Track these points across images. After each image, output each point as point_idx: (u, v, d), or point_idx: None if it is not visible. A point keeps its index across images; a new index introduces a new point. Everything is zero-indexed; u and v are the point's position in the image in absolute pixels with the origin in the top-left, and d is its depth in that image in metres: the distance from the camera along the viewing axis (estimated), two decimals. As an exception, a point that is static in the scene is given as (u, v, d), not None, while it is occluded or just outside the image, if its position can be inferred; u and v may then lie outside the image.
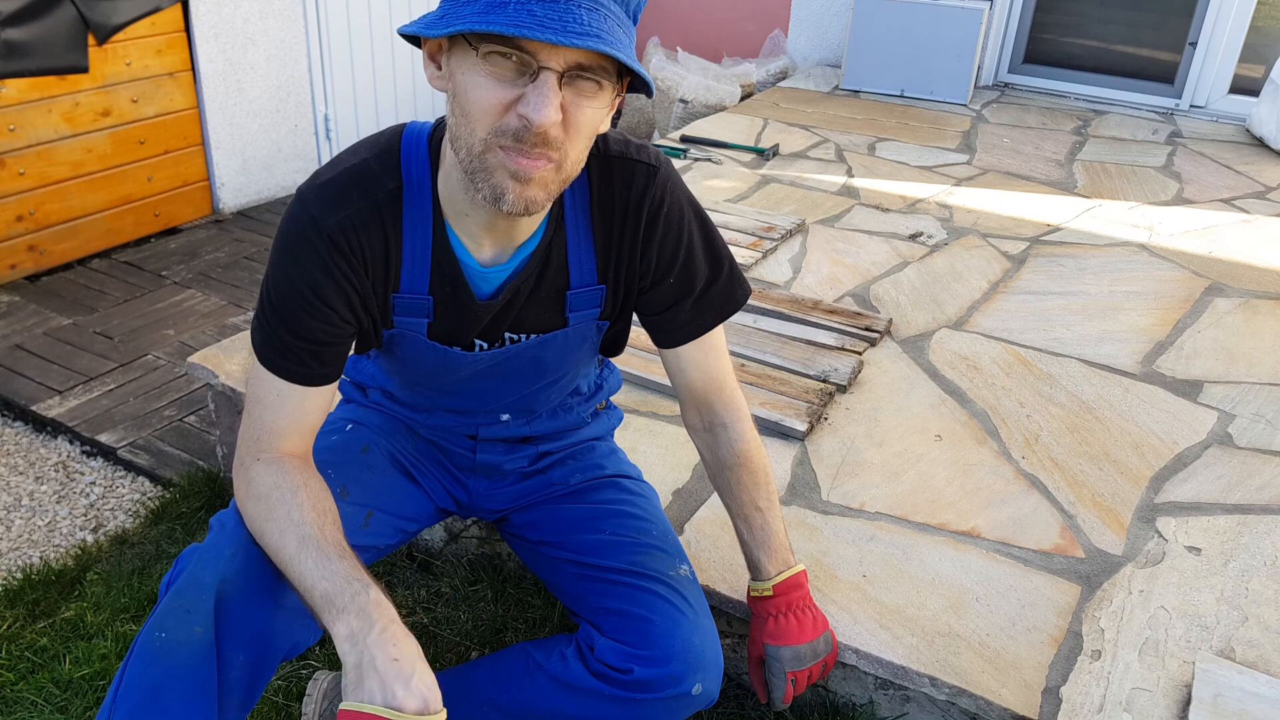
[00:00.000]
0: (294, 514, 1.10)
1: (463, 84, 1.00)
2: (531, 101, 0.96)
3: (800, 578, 1.36)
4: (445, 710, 1.00)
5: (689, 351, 1.32)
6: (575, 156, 1.04)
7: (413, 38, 1.04)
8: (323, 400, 1.19)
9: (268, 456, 1.15)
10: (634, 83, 1.05)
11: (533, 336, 1.26)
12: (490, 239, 1.17)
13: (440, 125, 1.15)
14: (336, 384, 1.21)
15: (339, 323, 1.15)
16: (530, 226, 1.17)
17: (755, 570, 1.38)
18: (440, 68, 1.05)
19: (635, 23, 1.02)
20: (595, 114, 1.02)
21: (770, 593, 1.35)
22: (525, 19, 0.92)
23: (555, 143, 1.00)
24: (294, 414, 1.17)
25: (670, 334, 1.31)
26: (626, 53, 0.96)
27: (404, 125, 1.17)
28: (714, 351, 1.34)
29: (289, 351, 1.14)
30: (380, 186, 1.13)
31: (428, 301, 1.19)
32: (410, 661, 1.00)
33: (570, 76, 0.97)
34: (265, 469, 1.14)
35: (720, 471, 1.38)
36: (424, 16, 1.03)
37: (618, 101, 1.06)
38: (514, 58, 0.96)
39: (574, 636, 1.33)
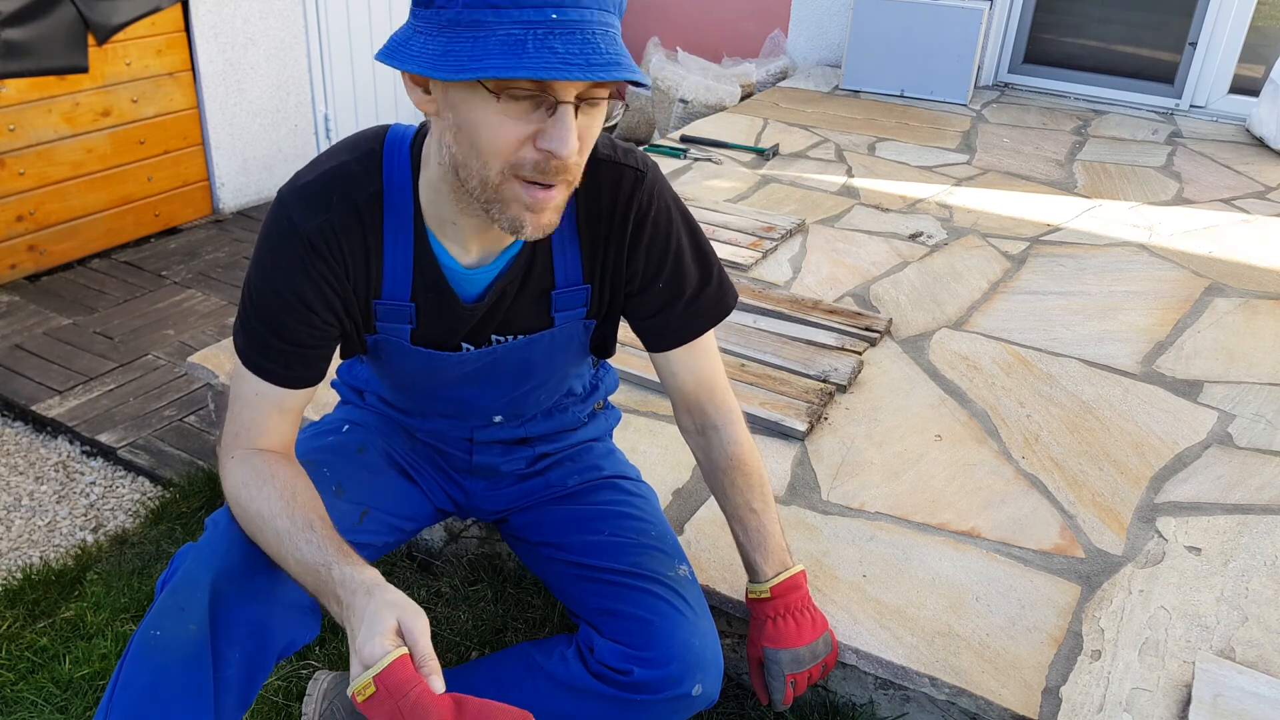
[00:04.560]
0: (263, 508, 1.11)
1: (471, 121, 0.97)
2: (553, 137, 0.96)
3: (799, 579, 1.36)
4: (402, 646, 0.99)
5: (680, 355, 1.32)
6: (582, 168, 1.05)
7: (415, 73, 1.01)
8: (303, 401, 1.20)
9: (241, 453, 1.16)
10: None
11: (519, 337, 1.25)
12: (479, 245, 1.16)
13: (423, 129, 1.14)
14: (317, 387, 1.20)
15: (321, 325, 1.15)
16: None
17: (752, 572, 1.37)
18: (429, 92, 1.02)
19: (620, 18, 1.03)
20: (599, 125, 1.03)
21: (768, 594, 1.35)
22: (550, 59, 0.90)
23: (575, 168, 1.01)
24: (273, 414, 1.17)
25: (660, 338, 1.31)
26: (639, 72, 0.96)
27: (386, 127, 1.16)
28: (705, 355, 1.33)
29: (271, 354, 1.15)
30: (361, 190, 1.12)
31: (409, 308, 1.19)
32: (367, 620, 0.99)
33: (582, 102, 0.97)
34: (238, 466, 1.15)
35: (714, 474, 1.38)
36: (409, 45, 0.96)
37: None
38: (530, 93, 0.95)
39: (574, 637, 1.33)
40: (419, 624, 1.00)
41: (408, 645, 0.99)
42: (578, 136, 0.98)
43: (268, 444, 1.17)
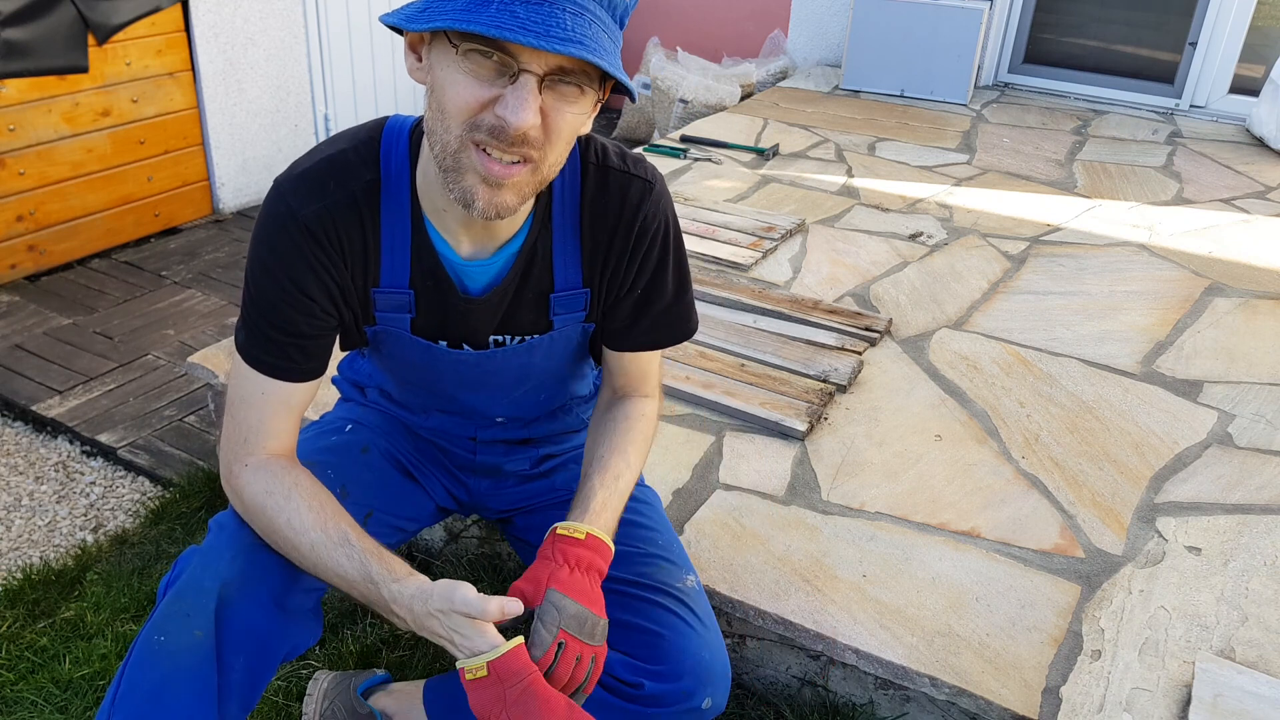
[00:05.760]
0: (294, 520, 1.11)
1: (441, 80, 0.99)
2: (510, 103, 0.95)
3: (609, 555, 1.18)
4: (505, 639, 1.04)
5: (628, 354, 1.31)
6: (554, 159, 1.03)
7: (396, 27, 1.04)
8: (307, 396, 1.19)
9: (255, 460, 1.15)
10: (619, 84, 1.04)
11: (518, 341, 1.25)
12: (467, 235, 1.16)
13: (423, 119, 1.14)
14: (319, 381, 1.20)
15: (321, 315, 1.15)
16: (511, 226, 1.16)
17: (578, 509, 1.19)
18: (421, 59, 1.04)
19: (622, 27, 1.01)
20: (576, 118, 1.01)
21: (582, 536, 1.15)
22: (508, 20, 0.91)
23: (535, 143, 0.99)
24: (279, 411, 1.16)
25: (617, 340, 1.29)
26: (610, 60, 0.96)
27: (386, 118, 1.16)
28: (652, 354, 1.33)
29: (273, 347, 1.14)
30: (357, 178, 1.12)
31: (408, 296, 1.18)
32: (448, 629, 1.04)
33: (551, 80, 0.96)
34: (254, 475, 1.14)
35: (606, 416, 1.30)
36: (406, 6, 1.01)
37: (599, 105, 1.06)
38: (494, 58, 0.95)
39: None
40: (465, 594, 1.04)
41: (475, 612, 1.03)
42: (545, 119, 0.98)
43: (277, 446, 1.17)
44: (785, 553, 1.67)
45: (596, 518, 1.17)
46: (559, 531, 1.17)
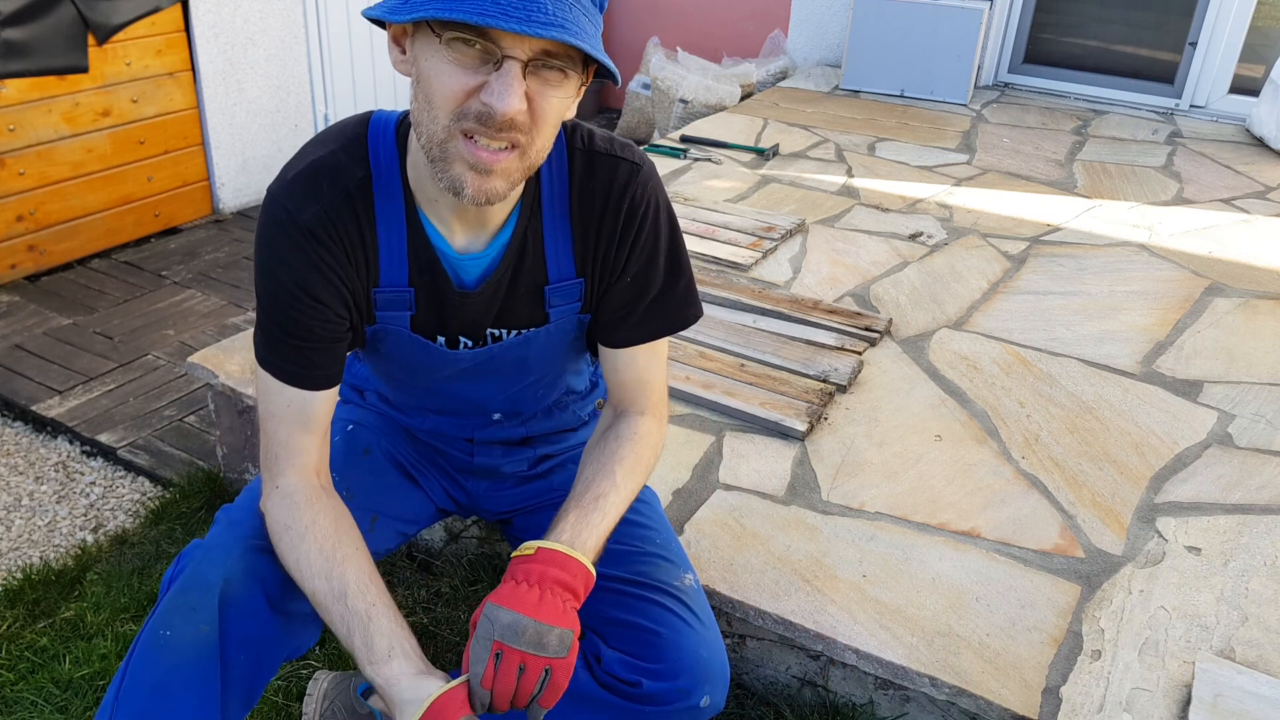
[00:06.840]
0: (302, 562, 1.11)
1: (426, 70, 0.99)
2: (495, 90, 0.96)
3: (579, 570, 1.12)
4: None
5: (625, 350, 1.28)
6: (540, 144, 1.03)
7: (378, 21, 1.04)
8: (329, 406, 1.19)
9: (284, 483, 1.15)
10: (601, 69, 1.04)
11: (515, 334, 1.25)
12: (461, 224, 1.16)
13: (409, 112, 1.14)
14: (338, 389, 1.20)
15: (334, 317, 1.15)
16: (502, 212, 1.16)
17: (548, 531, 1.16)
18: (405, 52, 1.04)
19: (601, 11, 1.02)
20: (560, 103, 1.02)
21: (531, 551, 1.12)
22: (489, 7, 0.92)
23: (522, 128, 0.99)
24: (305, 423, 1.16)
25: (611, 334, 1.27)
26: (592, 43, 0.96)
27: (370, 113, 1.16)
28: (651, 356, 1.29)
29: (293, 353, 1.14)
30: (349, 176, 1.12)
31: (409, 294, 1.18)
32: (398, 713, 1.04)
33: (535, 65, 0.97)
34: (278, 504, 1.14)
35: (600, 439, 1.27)
36: (388, 1, 1.02)
37: (583, 89, 1.06)
38: (478, 45, 0.95)
39: (579, 644, 1.32)
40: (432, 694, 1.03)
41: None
42: (530, 104, 0.98)
43: (306, 463, 1.17)
44: (785, 553, 1.67)
45: (559, 535, 1.14)
46: (513, 554, 1.14)
